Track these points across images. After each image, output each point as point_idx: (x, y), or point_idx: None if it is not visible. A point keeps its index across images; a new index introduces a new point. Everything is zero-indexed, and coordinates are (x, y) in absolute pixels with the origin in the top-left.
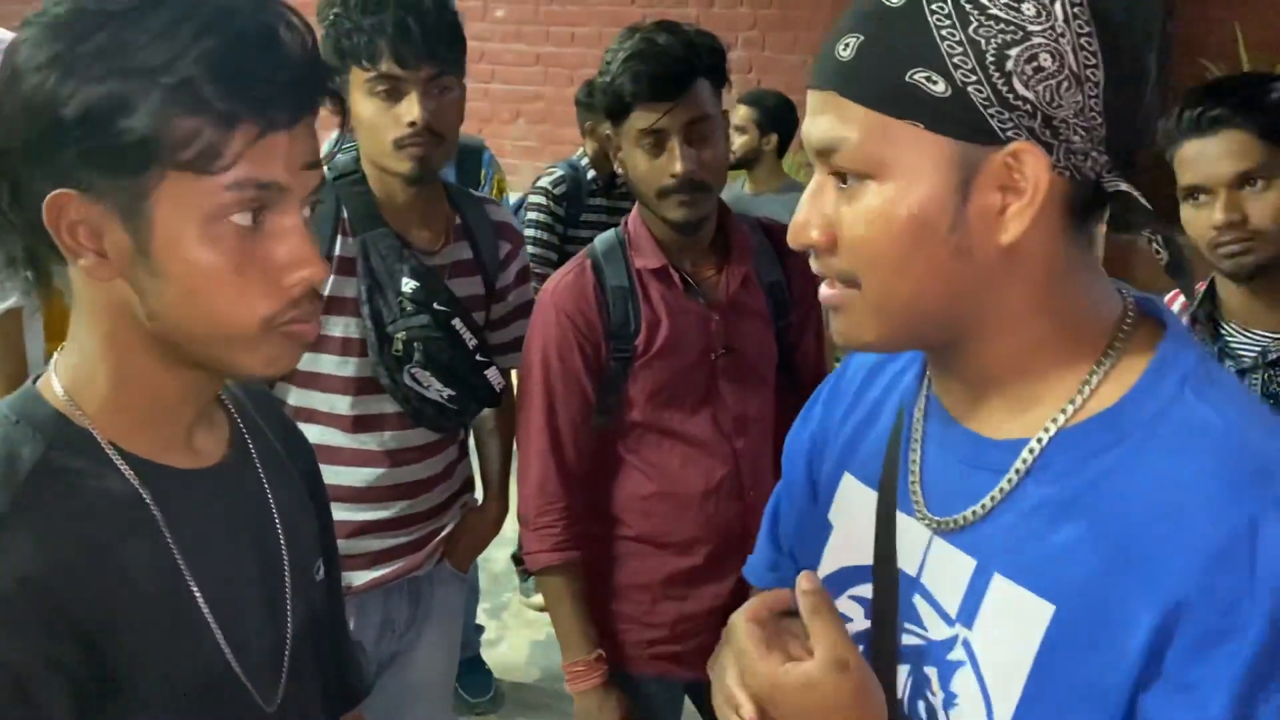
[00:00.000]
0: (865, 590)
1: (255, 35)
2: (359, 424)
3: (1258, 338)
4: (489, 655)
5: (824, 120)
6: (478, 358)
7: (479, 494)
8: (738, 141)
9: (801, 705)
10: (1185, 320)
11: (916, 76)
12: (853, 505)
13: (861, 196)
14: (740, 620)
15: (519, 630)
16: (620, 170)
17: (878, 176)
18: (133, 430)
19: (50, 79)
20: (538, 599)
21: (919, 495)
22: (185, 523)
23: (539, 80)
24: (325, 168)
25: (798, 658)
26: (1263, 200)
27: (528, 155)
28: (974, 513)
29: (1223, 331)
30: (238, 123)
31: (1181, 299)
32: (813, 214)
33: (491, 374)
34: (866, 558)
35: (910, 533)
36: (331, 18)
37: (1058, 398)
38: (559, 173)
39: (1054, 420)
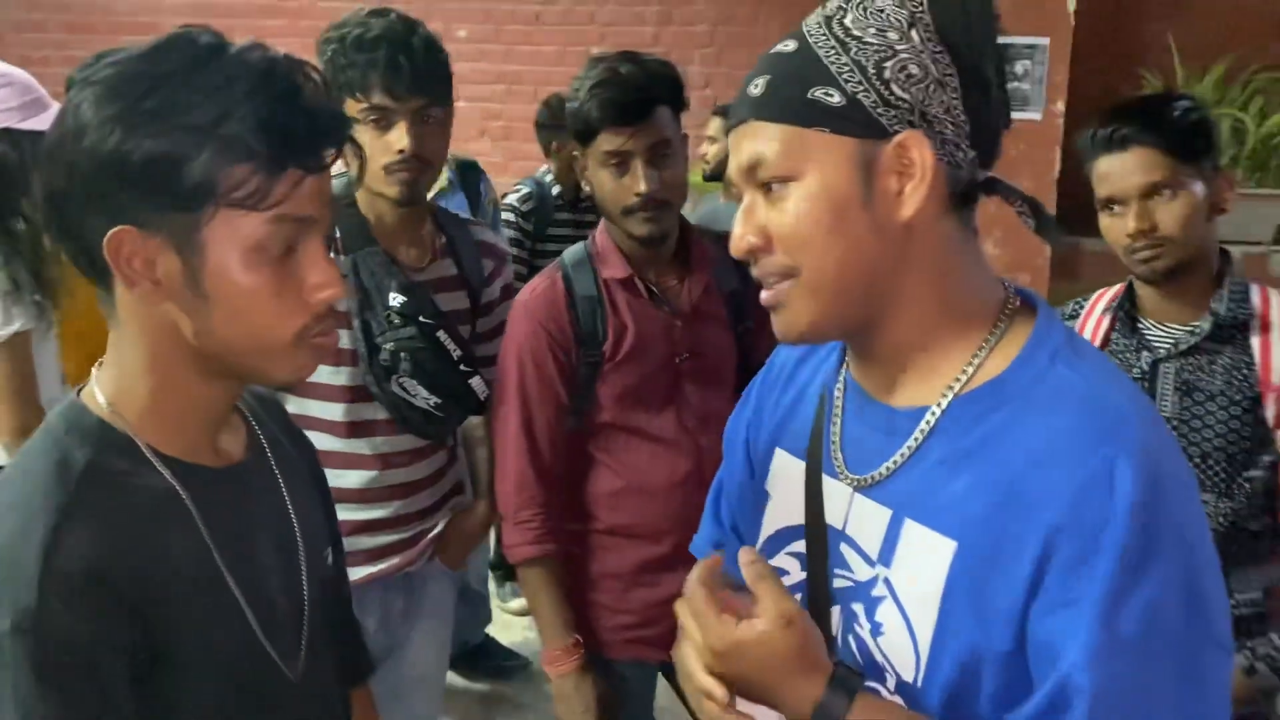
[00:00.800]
0: (800, 546)
1: (290, 92)
2: (352, 430)
3: (1171, 330)
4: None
5: (746, 144)
6: (462, 368)
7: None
8: (711, 150)
9: (757, 658)
10: (1108, 318)
11: (816, 93)
12: (785, 475)
13: (787, 197)
14: (693, 585)
15: (497, 633)
16: (587, 188)
17: (797, 177)
18: (169, 435)
19: (115, 133)
20: (514, 603)
21: (840, 460)
22: (216, 514)
23: (502, 98)
24: None
25: (749, 618)
26: (1170, 209)
27: (493, 171)
28: (887, 469)
29: (1140, 326)
30: (284, 169)
31: (1110, 293)
32: (748, 226)
33: (476, 383)
34: (800, 518)
35: (835, 493)
36: (329, 53)
37: (951, 370)
38: (525, 189)
39: (950, 389)
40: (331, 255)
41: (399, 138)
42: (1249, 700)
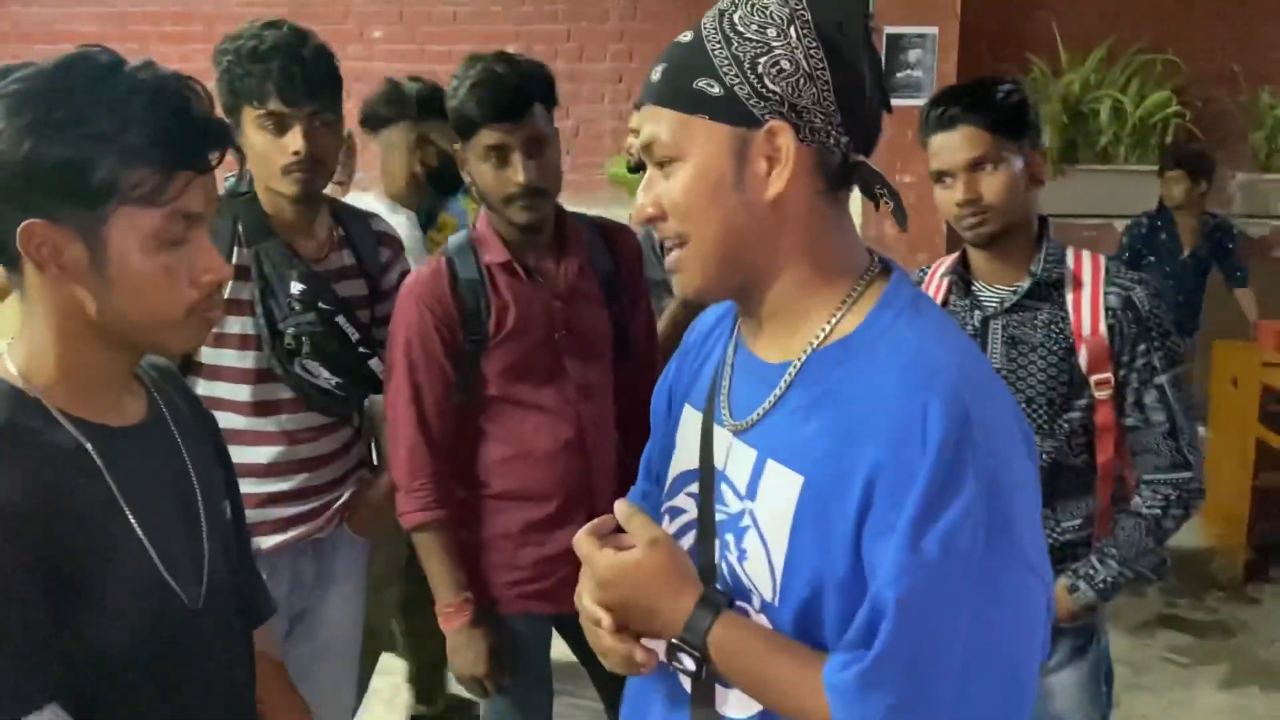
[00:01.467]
0: (695, 487)
1: (181, 105)
2: (259, 409)
3: (998, 291)
4: None
5: (646, 126)
6: (361, 349)
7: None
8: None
9: (635, 580)
10: (946, 281)
11: (700, 83)
12: (689, 426)
13: (675, 174)
14: (581, 537)
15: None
16: (468, 179)
17: (683, 158)
18: (75, 398)
19: (27, 141)
20: None
21: (726, 409)
22: (120, 467)
23: None
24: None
25: (625, 549)
26: (993, 180)
27: None
28: (757, 416)
29: (973, 288)
30: (176, 171)
31: (948, 260)
32: (647, 197)
33: (374, 363)
34: (696, 463)
35: (721, 438)
36: (225, 64)
37: (813, 328)
38: None
39: (809, 344)
40: (235, 248)
41: (294, 141)
42: (1075, 615)
